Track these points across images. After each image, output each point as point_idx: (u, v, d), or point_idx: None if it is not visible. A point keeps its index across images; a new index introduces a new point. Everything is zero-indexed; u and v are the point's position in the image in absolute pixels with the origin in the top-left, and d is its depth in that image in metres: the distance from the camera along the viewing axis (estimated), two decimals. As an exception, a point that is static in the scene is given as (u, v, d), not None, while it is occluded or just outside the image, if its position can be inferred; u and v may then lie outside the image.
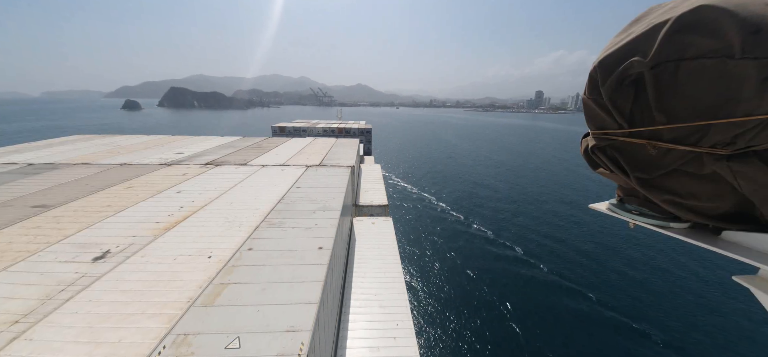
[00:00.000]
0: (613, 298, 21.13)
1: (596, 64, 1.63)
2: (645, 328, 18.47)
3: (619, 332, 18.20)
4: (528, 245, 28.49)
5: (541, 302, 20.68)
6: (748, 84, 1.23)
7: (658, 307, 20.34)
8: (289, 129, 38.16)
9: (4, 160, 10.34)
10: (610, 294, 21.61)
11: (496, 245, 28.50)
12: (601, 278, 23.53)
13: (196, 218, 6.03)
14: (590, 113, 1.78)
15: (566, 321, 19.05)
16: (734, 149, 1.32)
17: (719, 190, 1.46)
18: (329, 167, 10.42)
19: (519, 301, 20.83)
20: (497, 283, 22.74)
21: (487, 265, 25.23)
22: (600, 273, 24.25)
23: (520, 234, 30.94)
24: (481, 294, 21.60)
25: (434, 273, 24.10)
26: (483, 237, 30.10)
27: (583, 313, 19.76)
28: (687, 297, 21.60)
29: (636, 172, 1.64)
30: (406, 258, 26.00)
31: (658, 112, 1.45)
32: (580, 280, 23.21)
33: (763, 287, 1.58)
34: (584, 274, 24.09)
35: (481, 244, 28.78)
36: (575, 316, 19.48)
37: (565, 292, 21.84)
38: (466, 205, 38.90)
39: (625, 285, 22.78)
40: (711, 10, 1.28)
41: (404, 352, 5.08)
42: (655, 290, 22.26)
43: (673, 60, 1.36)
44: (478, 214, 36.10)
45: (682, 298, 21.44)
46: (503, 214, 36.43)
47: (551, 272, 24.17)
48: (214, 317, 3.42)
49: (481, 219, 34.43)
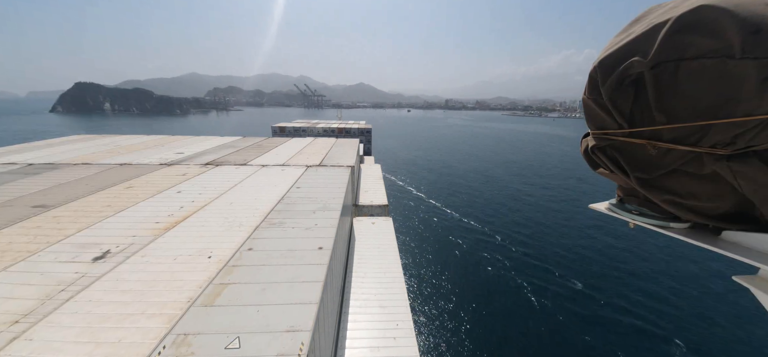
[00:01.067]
0: (613, 298, 21.14)
1: (596, 64, 1.63)
2: (645, 328, 18.48)
3: (620, 332, 18.20)
4: (529, 245, 28.49)
5: (540, 302, 20.69)
6: (748, 84, 1.23)
7: (658, 307, 20.34)
8: (289, 129, 38.18)
9: (4, 160, 10.34)
10: (609, 294, 21.61)
11: (497, 245, 28.50)
12: (601, 278, 23.53)
13: (196, 218, 6.03)
14: (590, 113, 1.78)
15: (566, 321, 19.04)
16: (734, 149, 1.32)
17: (719, 190, 1.46)
18: (329, 167, 10.42)
19: (518, 300, 20.86)
20: (497, 283, 22.76)
21: (486, 264, 25.23)
22: (600, 273, 24.26)
23: (521, 234, 30.95)
24: (482, 294, 21.61)
25: (434, 273, 24.09)
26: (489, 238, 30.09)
27: (583, 313, 19.77)
28: (687, 297, 21.59)
29: (636, 172, 1.64)
30: (406, 258, 25.99)
31: (658, 112, 1.45)
32: (580, 280, 23.22)
33: (763, 287, 1.58)
34: (584, 274, 24.10)
35: (482, 243, 28.79)
36: (575, 315, 19.48)
37: (566, 291, 21.84)
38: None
39: (625, 285, 22.78)
40: (711, 10, 1.28)
41: (404, 352, 5.07)
42: (655, 290, 22.26)
43: (673, 60, 1.36)
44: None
45: (682, 298, 21.43)
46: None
47: (551, 272, 24.19)
48: (214, 317, 3.42)
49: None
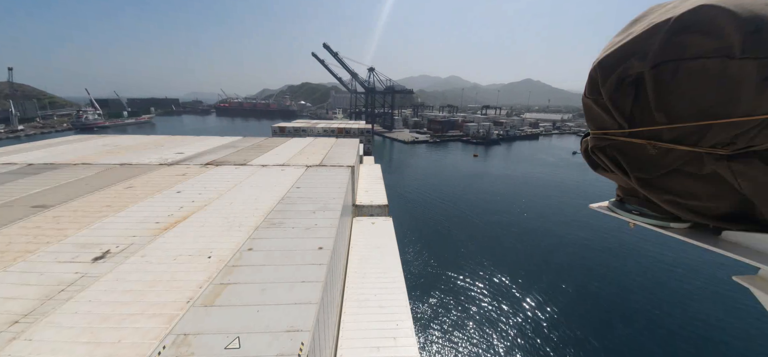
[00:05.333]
0: (613, 298, 21.13)
1: (596, 64, 1.63)
2: (645, 328, 18.48)
3: (619, 332, 18.19)
4: (528, 246, 28.50)
5: (540, 302, 20.69)
6: (749, 84, 1.23)
7: (659, 307, 20.33)
8: (289, 129, 38.20)
9: (4, 160, 10.34)
10: (609, 294, 21.61)
11: (499, 246, 28.52)
12: (601, 278, 23.53)
13: (196, 218, 6.03)
14: (590, 113, 1.78)
15: (566, 321, 19.04)
16: (735, 149, 1.32)
17: (719, 190, 1.45)
18: (329, 167, 10.42)
19: (518, 300, 20.86)
20: (498, 284, 22.76)
21: (487, 265, 25.24)
22: (599, 273, 24.26)
23: (521, 235, 30.96)
24: (482, 294, 21.61)
25: (435, 273, 24.09)
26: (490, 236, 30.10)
27: (583, 313, 19.76)
28: (687, 297, 21.60)
29: (636, 172, 1.64)
30: (406, 258, 25.99)
31: (659, 112, 1.45)
32: (580, 280, 23.21)
33: (763, 287, 1.58)
34: (584, 274, 24.10)
35: (484, 244, 28.80)
36: (575, 316, 19.47)
37: (565, 292, 21.83)
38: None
39: (625, 285, 22.77)
40: (711, 10, 1.27)
41: (404, 352, 5.07)
42: (654, 290, 22.25)
43: (674, 60, 1.36)
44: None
45: (682, 298, 21.44)
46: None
47: (552, 274, 24.19)
48: (214, 317, 3.42)
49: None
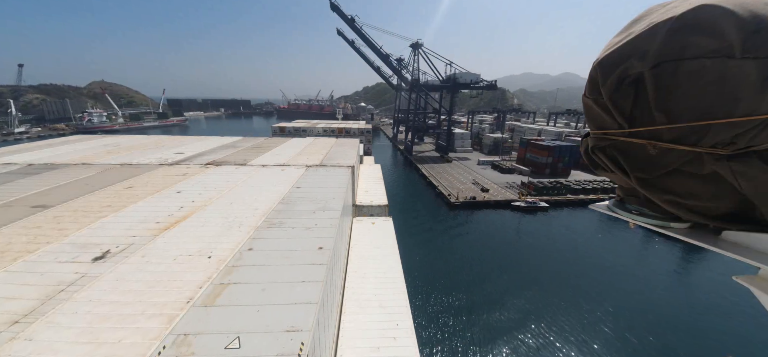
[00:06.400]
0: (613, 298, 21.12)
1: (596, 63, 1.63)
2: (645, 329, 18.47)
3: (619, 332, 18.19)
4: (528, 247, 28.51)
5: (539, 302, 20.68)
6: (749, 84, 1.23)
7: (658, 307, 20.32)
8: (289, 129, 38.19)
9: (4, 160, 10.34)
10: (608, 293, 21.60)
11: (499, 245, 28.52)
12: (600, 277, 23.52)
13: (196, 218, 6.03)
14: (590, 113, 1.77)
15: (566, 320, 19.04)
16: (735, 149, 1.32)
17: (719, 190, 1.45)
18: (329, 167, 10.42)
19: (518, 300, 20.86)
20: (497, 283, 22.75)
21: (487, 264, 25.24)
22: (598, 273, 24.25)
23: (522, 236, 30.97)
24: (482, 294, 21.60)
25: (435, 273, 24.07)
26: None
27: (583, 312, 19.76)
28: (687, 297, 21.59)
29: (636, 172, 1.64)
30: (406, 258, 25.93)
31: (658, 112, 1.45)
32: (581, 280, 23.21)
33: (763, 287, 1.57)
34: (584, 274, 24.10)
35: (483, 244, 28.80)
36: (575, 315, 19.47)
37: (565, 292, 21.83)
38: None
39: (625, 285, 22.76)
40: (711, 10, 1.27)
41: (404, 352, 5.07)
42: (653, 289, 22.23)
43: (673, 60, 1.35)
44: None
45: (682, 298, 21.43)
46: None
47: (552, 273, 24.19)
48: (214, 317, 3.42)
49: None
